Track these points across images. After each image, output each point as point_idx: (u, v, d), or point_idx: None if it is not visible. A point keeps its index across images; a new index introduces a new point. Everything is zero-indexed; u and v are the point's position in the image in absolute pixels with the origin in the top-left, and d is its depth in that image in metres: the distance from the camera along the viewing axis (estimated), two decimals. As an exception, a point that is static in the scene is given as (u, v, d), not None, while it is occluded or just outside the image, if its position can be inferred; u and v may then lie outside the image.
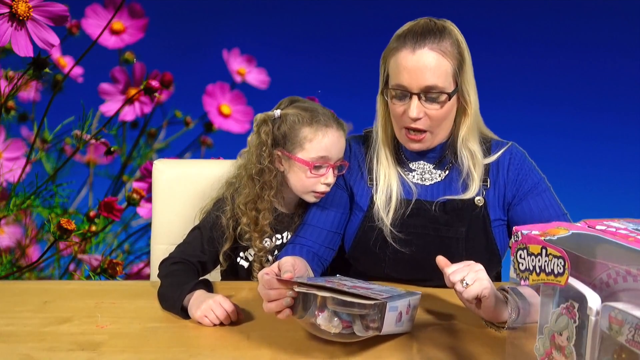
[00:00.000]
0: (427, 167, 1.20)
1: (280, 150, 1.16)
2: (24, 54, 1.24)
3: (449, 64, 1.08)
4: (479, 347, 0.87)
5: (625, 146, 2.32)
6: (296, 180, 1.16)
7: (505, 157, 1.18)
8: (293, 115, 1.15)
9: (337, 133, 1.16)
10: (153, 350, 0.85)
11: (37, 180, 1.65)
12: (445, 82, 1.07)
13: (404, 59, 1.08)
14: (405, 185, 1.18)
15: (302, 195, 1.19)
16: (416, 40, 1.07)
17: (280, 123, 1.15)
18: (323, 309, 0.85)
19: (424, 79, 1.06)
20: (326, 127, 1.14)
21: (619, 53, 2.31)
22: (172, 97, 2.10)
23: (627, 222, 0.69)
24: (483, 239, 1.16)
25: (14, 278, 1.74)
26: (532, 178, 1.18)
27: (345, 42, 2.32)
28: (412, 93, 1.07)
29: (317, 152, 1.13)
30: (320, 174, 1.15)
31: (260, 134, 1.16)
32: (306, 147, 1.14)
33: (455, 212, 1.15)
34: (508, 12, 2.30)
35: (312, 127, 1.14)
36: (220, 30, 2.26)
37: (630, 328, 0.54)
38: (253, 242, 1.18)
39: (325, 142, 1.14)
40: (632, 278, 0.57)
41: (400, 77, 1.08)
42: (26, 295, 1.10)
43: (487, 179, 1.17)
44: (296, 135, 1.14)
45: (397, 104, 1.11)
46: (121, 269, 1.54)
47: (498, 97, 2.27)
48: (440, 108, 1.09)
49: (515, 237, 0.70)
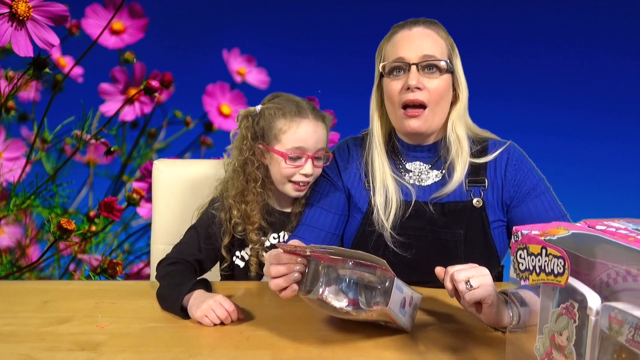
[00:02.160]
0: (423, 167, 1.20)
1: (261, 144, 1.19)
2: (24, 54, 1.25)
3: (443, 42, 1.14)
4: (479, 348, 0.87)
5: (625, 146, 2.32)
6: (275, 172, 1.19)
7: (503, 157, 1.18)
8: (270, 108, 1.18)
9: (313, 124, 1.17)
10: (153, 350, 0.85)
11: (37, 180, 1.65)
12: (441, 54, 1.12)
13: (400, 37, 1.14)
14: (402, 187, 1.18)
15: (283, 188, 1.20)
16: (411, 23, 1.15)
17: (259, 118, 1.19)
18: (331, 283, 0.86)
19: (421, 48, 1.11)
20: (300, 118, 1.16)
21: (619, 53, 2.31)
22: (172, 97, 2.11)
23: (627, 222, 0.69)
24: (482, 241, 1.15)
25: (14, 278, 1.74)
26: (531, 179, 1.17)
27: (345, 42, 2.32)
28: (410, 64, 1.11)
29: (292, 143, 1.15)
30: (297, 164, 1.16)
31: (241, 128, 1.20)
32: (281, 138, 1.16)
33: (454, 214, 1.14)
34: (508, 12, 2.30)
35: (286, 119, 1.16)
36: (220, 30, 2.26)
37: (630, 328, 0.54)
38: (248, 236, 1.19)
39: (300, 133, 1.16)
40: (632, 278, 0.57)
41: (399, 50, 1.12)
42: (26, 295, 1.10)
43: (484, 180, 1.16)
44: (272, 128, 1.17)
45: (395, 81, 1.13)
46: (121, 269, 1.54)
47: (498, 97, 2.27)
48: (438, 78, 1.12)
49: (515, 237, 0.70)
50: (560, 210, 1.17)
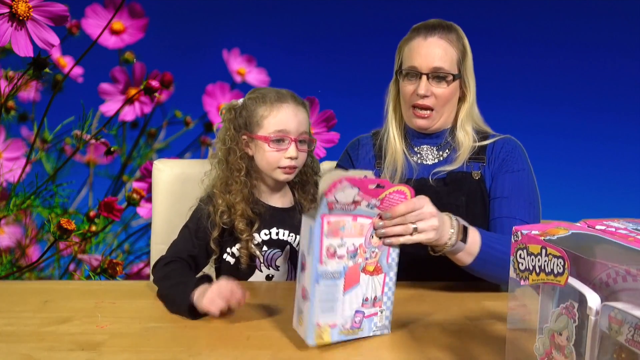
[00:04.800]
0: (429, 149, 1.32)
1: (244, 134, 1.22)
2: (24, 54, 1.25)
3: (454, 52, 1.25)
4: (479, 347, 0.87)
5: (625, 146, 2.32)
6: (261, 159, 1.22)
7: (502, 142, 1.29)
8: (251, 99, 1.23)
9: (293, 107, 1.21)
10: (153, 350, 0.85)
11: (37, 180, 1.65)
12: (450, 66, 1.24)
13: (416, 45, 1.25)
14: (409, 164, 1.30)
15: (271, 174, 1.22)
16: (428, 30, 1.25)
17: (242, 109, 1.23)
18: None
19: (432, 60, 1.23)
20: (280, 103, 1.20)
21: (619, 53, 2.31)
22: (172, 97, 2.11)
23: (627, 222, 0.69)
24: (482, 209, 1.24)
25: (14, 278, 1.75)
26: (517, 162, 1.26)
27: (345, 42, 2.32)
28: (422, 73, 1.24)
29: (274, 127, 1.19)
30: (280, 147, 1.19)
31: (225, 121, 1.25)
32: (263, 124, 1.20)
33: (455, 182, 1.25)
34: (508, 12, 2.30)
35: (266, 105, 1.20)
36: (220, 30, 2.26)
37: (629, 328, 0.54)
38: (236, 227, 1.20)
39: (281, 116, 1.20)
40: (631, 278, 0.57)
41: (413, 60, 1.25)
42: (26, 295, 1.10)
43: (484, 157, 1.28)
44: (254, 116, 1.21)
45: (408, 84, 1.26)
46: (121, 269, 1.54)
47: (498, 97, 2.27)
48: (445, 87, 1.24)
49: (515, 237, 0.70)
50: (526, 205, 1.21)
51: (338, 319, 0.87)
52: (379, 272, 0.89)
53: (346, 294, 0.87)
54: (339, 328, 0.87)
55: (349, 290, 0.87)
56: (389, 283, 0.91)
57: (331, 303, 0.86)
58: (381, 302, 0.90)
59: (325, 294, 0.85)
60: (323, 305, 0.85)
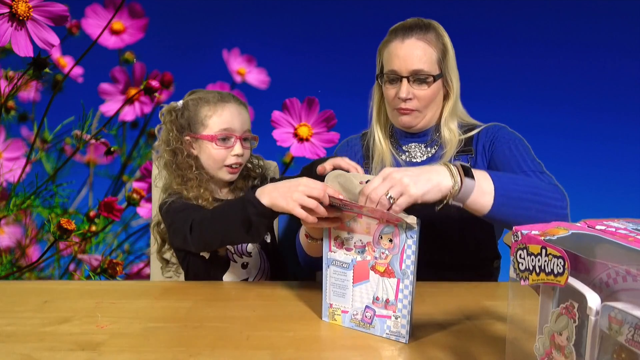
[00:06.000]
0: (417, 146, 1.32)
1: (188, 134, 1.24)
2: (24, 54, 1.25)
3: (433, 51, 1.23)
4: (479, 347, 0.87)
5: (625, 146, 2.32)
6: (207, 159, 1.24)
7: (486, 129, 1.30)
8: (193, 100, 1.25)
9: (236, 106, 1.25)
10: (153, 350, 0.85)
11: (37, 180, 1.65)
12: (430, 67, 1.23)
13: (394, 48, 1.24)
14: (397, 163, 1.31)
15: (217, 173, 1.25)
16: (405, 32, 1.24)
17: (183, 111, 1.25)
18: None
19: (412, 63, 1.22)
20: (224, 103, 1.23)
21: (619, 53, 2.31)
22: (172, 97, 2.10)
23: (627, 222, 0.69)
24: None
25: (14, 278, 1.75)
26: (507, 135, 1.25)
27: (345, 42, 2.31)
28: (402, 77, 1.23)
29: (220, 125, 1.22)
30: (227, 145, 1.22)
31: (166, 123, 1.26)
32: (208, 123, 1.22)
33: None
34: (508, 12, 2.30)
35: (209, 105, 1.23)
36: (220, 30, 2.26)
37: (629, 328, 0.54)
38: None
39: (225, 115, 1.23)
40: (631, 278, 0.57)
41: (392, 64, 1.24)
42: (26, 295, 1.10)
43: (471, 149, 1.28)
44: (197, 116, 1.23)
45: (390, 87, 1.26)
46: (121, 269, 1.55)
47: (498, 97, 2.27)
48: (427, 89, 1.24)
49: (515, 236, 0.70)
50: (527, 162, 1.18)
51: (349, 307, 0.92)
52: (390, 275, 0.89)
53: (356, 286, 0.91)
54: (350, 316, 0.93)
55: (358, 283, 0.91)
56: (404, 290, 0.89)
57: (342, 290, 0.92)
58: (395, 307, 0.89)
59: (335, 279, 0.92)
60: (335, 290, 0.93)
